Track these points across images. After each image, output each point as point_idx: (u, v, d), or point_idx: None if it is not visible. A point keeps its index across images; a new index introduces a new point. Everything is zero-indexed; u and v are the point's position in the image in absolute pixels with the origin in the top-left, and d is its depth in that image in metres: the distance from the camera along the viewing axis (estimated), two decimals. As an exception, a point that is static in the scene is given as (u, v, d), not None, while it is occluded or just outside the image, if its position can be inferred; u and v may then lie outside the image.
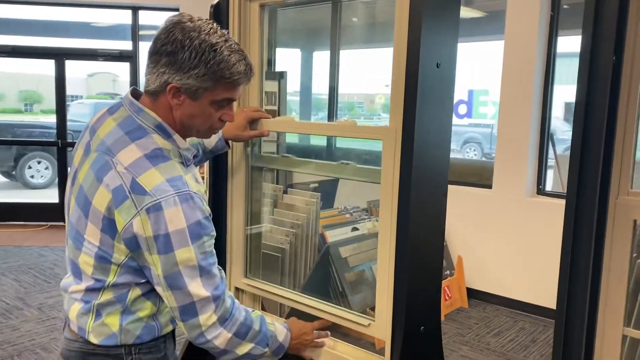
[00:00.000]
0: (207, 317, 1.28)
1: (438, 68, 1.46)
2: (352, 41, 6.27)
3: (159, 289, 1.28)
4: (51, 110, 6.71)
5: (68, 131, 6.62)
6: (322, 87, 5.60)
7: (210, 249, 1.29)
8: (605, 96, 1.25)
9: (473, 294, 4.51)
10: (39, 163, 9.15)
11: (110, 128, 1.31)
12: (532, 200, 4.26)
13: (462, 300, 4.42)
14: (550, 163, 4.50)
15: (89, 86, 12.99)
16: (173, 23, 1.26)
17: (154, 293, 1.32)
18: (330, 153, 5.19)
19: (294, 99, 6.68)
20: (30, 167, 9.11)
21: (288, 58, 6.75)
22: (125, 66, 6.62)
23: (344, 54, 5.40)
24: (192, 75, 1.24)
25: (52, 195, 7.12)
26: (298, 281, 2.34)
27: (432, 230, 1.58)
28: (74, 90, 11.72)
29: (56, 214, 6.42)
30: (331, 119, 5.27)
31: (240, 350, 1.37)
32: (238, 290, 2.08)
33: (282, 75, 3.55)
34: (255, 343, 1.39)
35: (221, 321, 1.31)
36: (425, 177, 1.49)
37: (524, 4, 4.14)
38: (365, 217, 3.38)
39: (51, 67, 6.40)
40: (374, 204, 3.32)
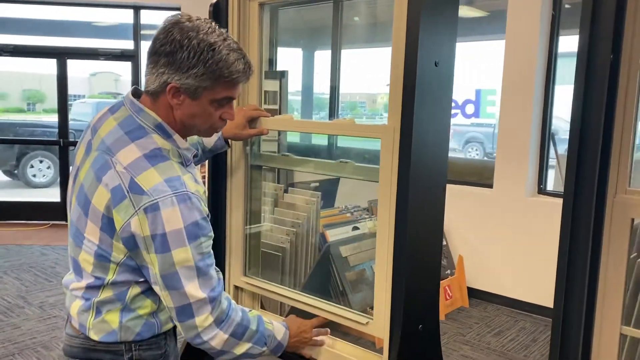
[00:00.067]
0: (204, 319, 1.28)
1: (436, 67, 1.46)
2: (354, 40, 6.27)
3: (157, 289, 1.28)
4: (53, 110, 6.72)
5: (70, 130, 6.62)
6: (324, 87, 5.59)
7: (208, 250, 1.29)
8: (602, 94, 1.25)
9: (474, 293, 4.51)
10: (41, 162, 9.17)
11: (110, 127, 1.31)
12: (533, 200, 4.25)
13: (463, 300, 4.42)
14: (551, 163, 4.49)
15: (92, 85, 13.02)
16: (171, 23, 1.26)
17: (153, 291, 1.32)
18: (331, 152, 5.19)
19: (296, 98, 6.68)
20: (32, 166, 9.13)
21: (289, 57, 6.75)
22: (127, 65, 6.62)
23: (346, 54, 5.40)
24: (191, 75, 1.24)
25: (54, 195, 7.12)
26: (298, 280, 2.34)
27: (431, 228, 1.58)
28: (77, 90, 11.75)
29: (58, 213, 6.44)
30: (332, 119, 5.27)
31: (237, 350, 1.37)
32: (237, 289, 2.08)
33: (284, 74, 3.55)
34: (252, 343, 1.40)
35: (217, 322, 1.31)
36: (423, 175, 1.49)
37: (525, 3, 4.13)
38: (366, 217, 3.38)
39: (54, 67, 6.40)
40: (375, 203, 3.30)
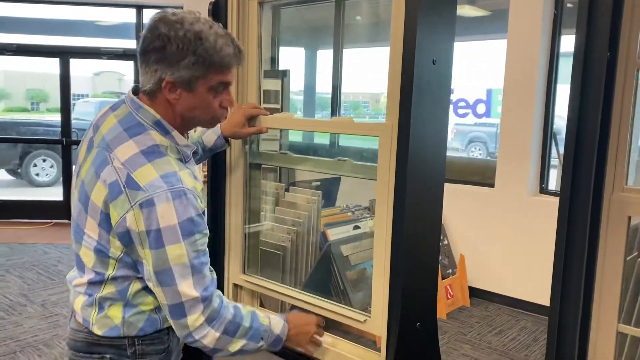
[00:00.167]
0: (195, 318, 1.28)
1: (434, 65, 1.46)
2: (356, 40, 6.27)
3: (151, 285, 1.29)
4: (57, 109, 6.73)
5: (73, 129, 6.64)
6: (326, 86, 5.59)
7: (203, 248, 1.29)
8: (599, 93, 1.25)
9: (475, 292, 4.51)
10: (44, 161, 9.21)
11: (111, 124, 1.33)
12: (535, 199, 4.25)
13: (464, 299, 4.42)
14: (553, 162, 4.48)
15: (95, 85, 13.06)
16: (156, 20, 1.27)
17: None
18: (332, 151, 5.19)
19: (299, 97, 6.68)
20: (35, 165, 9.16)
21: (292, 56, 6.75)
22: (130, 65, 6.64)
23: (348, 53, 5.40)
24: (183, 66, 1.25)
25: (57, 193, 7.15)
26: (299, 279, 2.34)
27: (429, 226, 1.58)
28: (80, 89, 11.80)
29: (60, 211, 6.47)
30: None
31: (232, 348, 1.37)
32: (236, 287, 2.08)
33: (285, 73, 3.56)
34: (246, 339, 1.39)
35: (209, 321, 1.31)
36: (421, 173, 1.49)
37: (526, 2, 4.13)
38: (367, 216, 3.38)
39: (57, 66, 6.42)
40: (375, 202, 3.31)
